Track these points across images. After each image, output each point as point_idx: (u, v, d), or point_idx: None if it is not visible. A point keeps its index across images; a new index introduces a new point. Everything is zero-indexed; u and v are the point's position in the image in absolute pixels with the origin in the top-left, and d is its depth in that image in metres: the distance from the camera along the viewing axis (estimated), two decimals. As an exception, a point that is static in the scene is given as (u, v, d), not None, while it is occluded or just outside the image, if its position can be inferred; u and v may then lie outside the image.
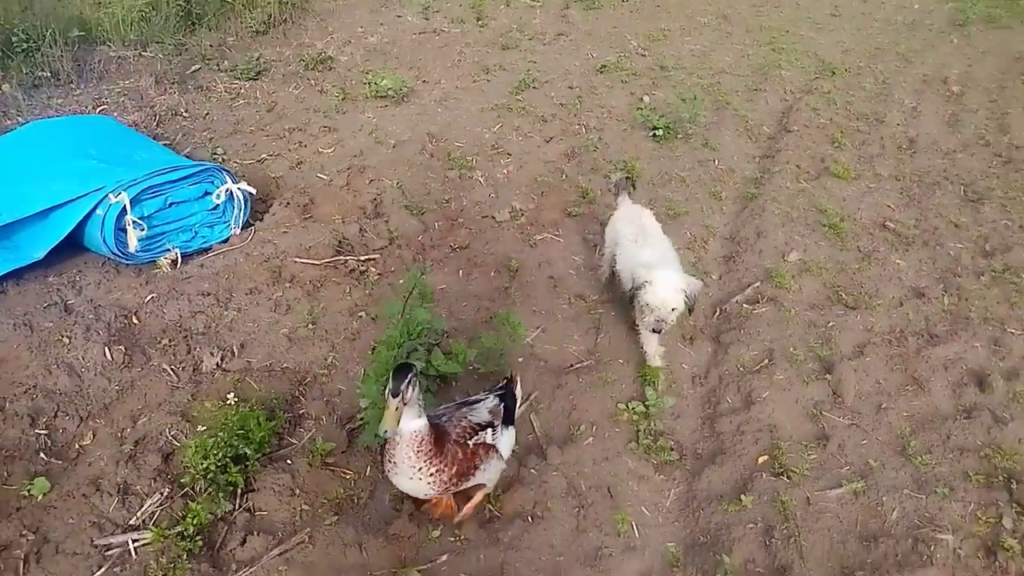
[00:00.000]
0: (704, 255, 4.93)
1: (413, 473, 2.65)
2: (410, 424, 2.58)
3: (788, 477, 3.29)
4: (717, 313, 4.43)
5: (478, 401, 2.97)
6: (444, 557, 2.80)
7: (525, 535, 2.90)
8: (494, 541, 2.87)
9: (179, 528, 2.71)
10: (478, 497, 2.97)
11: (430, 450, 2.64)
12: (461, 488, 2.80)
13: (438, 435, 2.70)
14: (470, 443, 2.78)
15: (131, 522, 2.77)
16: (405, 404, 2.50)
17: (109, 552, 2.68)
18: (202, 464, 2.74)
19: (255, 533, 2.81)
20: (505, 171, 5.48)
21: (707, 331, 4.30)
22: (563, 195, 5.28)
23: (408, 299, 3.04)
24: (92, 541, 2.70)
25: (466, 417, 2.85)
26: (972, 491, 3.25)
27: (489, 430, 2.88)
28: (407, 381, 2.48)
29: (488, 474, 2.89)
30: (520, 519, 2.97)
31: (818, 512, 3.14)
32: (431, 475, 2.66)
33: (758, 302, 4.43)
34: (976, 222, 5.54)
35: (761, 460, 3.40)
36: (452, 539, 2.87)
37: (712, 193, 5.62)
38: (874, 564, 2.93)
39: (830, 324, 4.28)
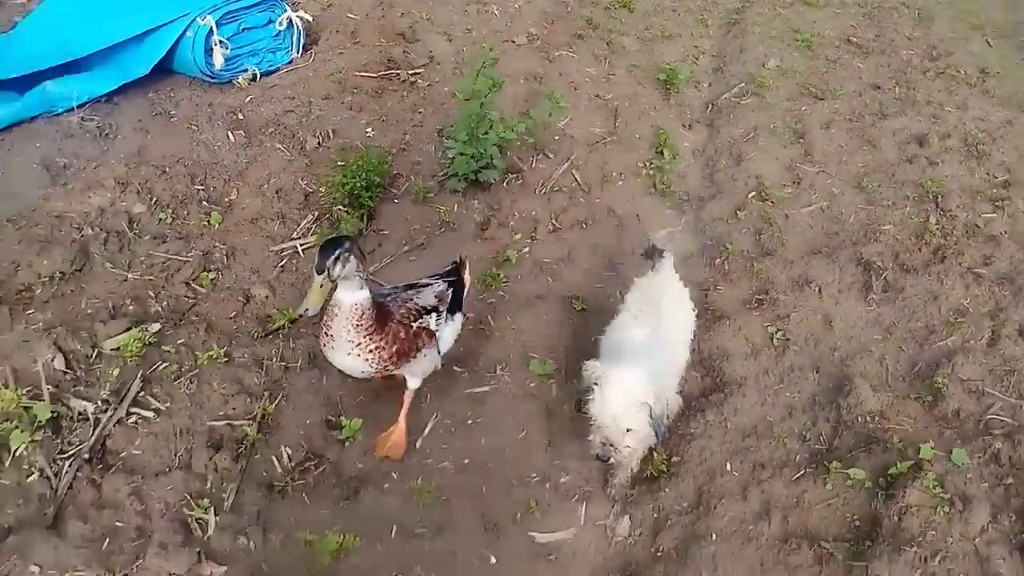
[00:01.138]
0: (696, 67, 6.13)
1: (351, 348, 2.71)
2: (350, 296, 2.64)
3: (772, 203, 4.63)
4: (710, 108, 5.68)
5: (426, 285, 3.10)
6: (527, 250, 4.08)
7: (581, 235, 4.19)
8: (559, 240, 4.16)
9: (332, 234, 3.92)
10: (407, 400, 3.13)
11: (370, 325, 2.70)
12: (396, 371, 2.93)
13: (380, 312, 2.77)
14: (413, 325, 2.88)
15: (293, 235, 3.98)
16: (332, 281, 2.56)
17: (283, 253, 3.90)
18: (345, 187, 3.94)
19: (381, 245, 4.05)
20: (516, 5, 6.55)
21: (702, 120, 5.56)
22: (570, 23, 6.39)
23: (480, 71, 4.19)
24: (268, 248, 3.91)
25: (412, 299, 2.95)
26: (909, 204, 4.64)
27: (434, 314, 3.00)
28: (335, 256, 2.52)
29: (423, 364, 3.01)
30: (576, 228, 4.25)
31: (794, 222, 4.51)
32: (370, 352, 2.73)
33: (743, 96, 5.68)
34: (926, 35, 6.83)
35: (750, 196, 4.73)
36: (530, 239, 4.13)
37: (699, 20, 6.78)
38: (834, 246, 4.31)
39: (803, 109, 5.58)
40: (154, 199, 4.08)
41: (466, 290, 3.31)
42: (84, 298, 3.49)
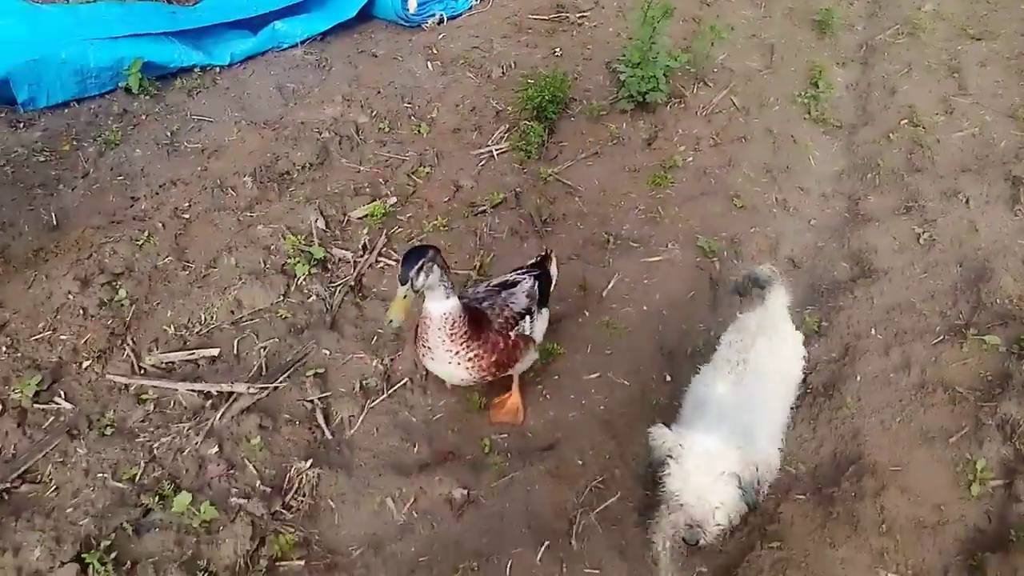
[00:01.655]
0: (850, 10, 6.55)
1: (450, 358, 2.79)
2: (438, 306, 2.70)
3: (923, 128, 5.07)
4: (864, 47, 6.11)
5: (516, 284, 3.18)
6: (691, 159, 4.75)
7: (742, 151, 4.81)
8: (720, 152, 4.80)
9: (521, 143, 4.74)
10: (515, 389, 3.32)
11: (465, 333, 2.76)
12: (498, 378, 3.05)
13: (476, 319, 2.85)
14: (512, 334, 2.97)
15: (488, 143, 4.83)
16: (416, 292, 2.59)
17: (480, 156, 4.75)
18: (533, 100, 4.75)
19: (562, 152, 4.83)
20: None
21: (856, 59, 6.00)
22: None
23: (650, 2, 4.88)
24: (468, 152, 4.77)
25: (508, 305, 3.03)
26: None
27: (527, 318, 3.10)
28: (418, 267, 2.55)
29: (523, 365, 3.17)
30: (736, 143, 4.87)
31: (944, 145, 4.94)
32: (469, 360, 2.81)
33: (898, 36, 6.08)
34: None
35: (902, 122, 5.18)
36: (694, 151, 4.80)
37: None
38: (983, 165, 4.72)
39: (959, 48, 5.92)
40: (373, 112, 5.05)
41: (553, 284, 3.41)
42: (330, 182, 4.48)
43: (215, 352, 3.44)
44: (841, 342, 3.70)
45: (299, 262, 3.85)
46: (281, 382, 3.32)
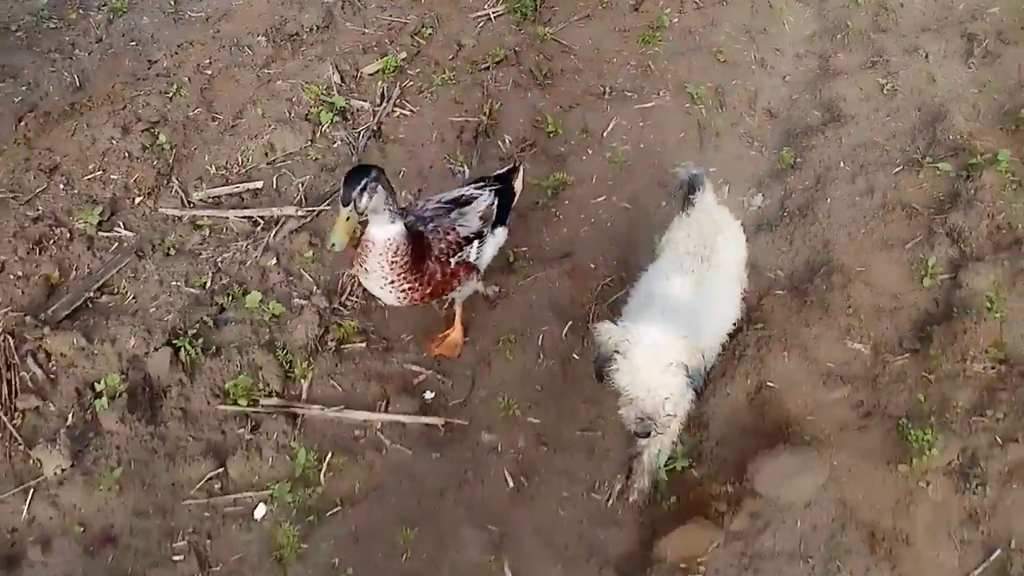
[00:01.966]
0: None
1: (384, 284, 2.78)
2: (381, 231, 2.66)
3: (889, -7, 5.51)
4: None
5: (471, 200, 3.11)
6: (676, 20, 5.15)
7: (723, 14, 5.22)
8: (703, 14, 5.20)
9: (517, 5, 5.07)
10: (458, 323, 3.35)
11: (405, 263, 2.72)
12: (429, 303, 3.10)
13: (417, 247, 2.78)
14: (452, 261, 2.91)
15: (484, 7, 5.14)
16: (360, 214, 2.58)
17: (479, 19, 5.08)
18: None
19: (555, 15, 5.17)
20: None
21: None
22: None
23: None
24: (467, 15, 5.08)
25: (454, 228, 2.96)
26: (1015, -5, 5.44)
27: (475, 243, 3.04)
28: (361, 186, 2.52)
29: (462, 293, 3.18)
30: (717, 6, 5.27)
31: (908, 9, 5.39)
32: (402, 290, 2.80)
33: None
34: None
35: (870, -12, 5.60)
36: (679, 13, 5.19)
37: None
38: (942, 25, 5.21)
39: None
40: (373, -21, 5.32)
41: (515, 200, 3.36)
42: (338, 43, 4.81)
43: (259, 185, 3.85)
44: (813, 174, 4.24)
45: (322, 111, 4.23)
46: (323, 208, 3.76)
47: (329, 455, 3.08)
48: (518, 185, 3.36)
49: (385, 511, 2.97)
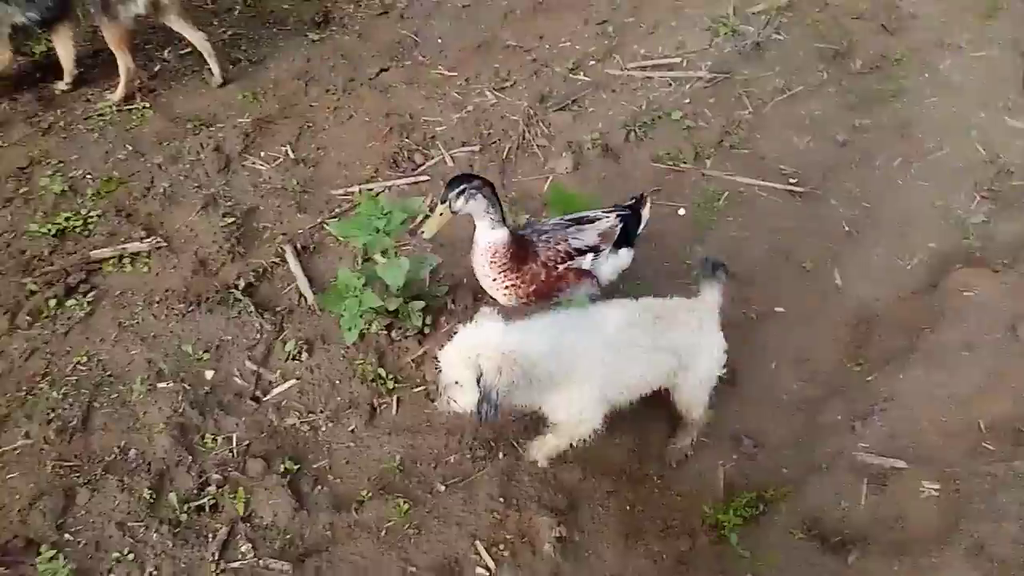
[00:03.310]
0: None
1: (488, 282, 3.16)
2: (484, 236, 3.03)
3: None
4: None
5: (594, 220, 3.37)
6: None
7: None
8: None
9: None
10: None
11: (504, 264, 3.06)
12: (542, 303, 3.30)
13: (520, 251, 3.11)
14: (559, 267, 3.21)
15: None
16: (454, 213, 2.90)
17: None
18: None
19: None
20: None
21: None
22: None
23: None
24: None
25: (567, 240, 3.25)
26: None
27: (590, 255, 3.29)
28: (459, 191, 2.87)
29: (575, 295, 3.37)
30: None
31: None
32: (505, 288, 3.14)
33: None
34: None
35: None
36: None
37: None
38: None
39: None
40: None
41: (642, 226, 3.60)
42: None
43: (676, 61, 5.69)
44: None
45: (720, 26, 5.98)
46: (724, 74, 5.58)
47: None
48: (645, 213, 3.65)
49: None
